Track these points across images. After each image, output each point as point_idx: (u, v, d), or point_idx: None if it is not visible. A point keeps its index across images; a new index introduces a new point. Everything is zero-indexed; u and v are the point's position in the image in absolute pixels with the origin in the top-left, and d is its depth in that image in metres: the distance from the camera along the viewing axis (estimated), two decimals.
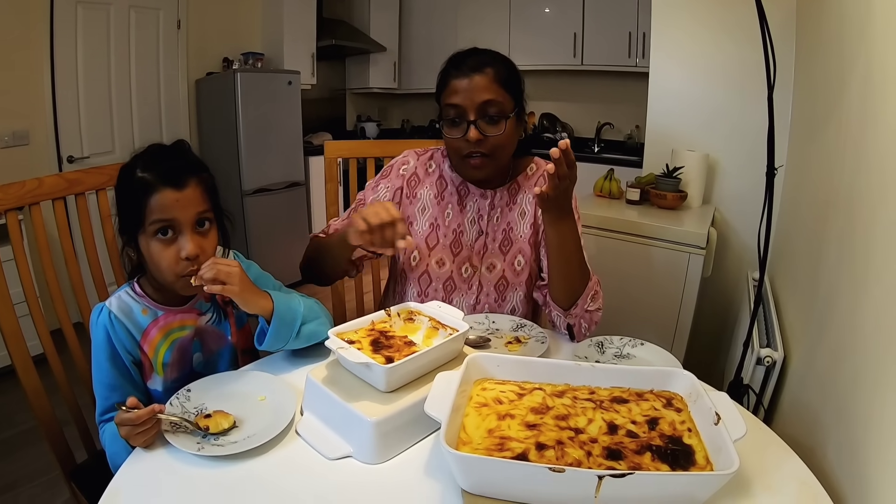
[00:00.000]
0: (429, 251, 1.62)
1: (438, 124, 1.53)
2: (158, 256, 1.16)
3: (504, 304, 1.64)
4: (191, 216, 1.17)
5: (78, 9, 3.65)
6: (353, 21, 5.84)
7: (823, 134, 1.71)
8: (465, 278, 1.63)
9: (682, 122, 3.04)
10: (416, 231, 1.63)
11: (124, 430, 0.98)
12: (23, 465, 2.46)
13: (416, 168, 1.66)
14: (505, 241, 1.63)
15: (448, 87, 1.48)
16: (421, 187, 1.65)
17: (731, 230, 2.96)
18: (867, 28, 1.29)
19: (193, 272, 1.16)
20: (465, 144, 1.47)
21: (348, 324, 1.17)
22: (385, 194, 1.64)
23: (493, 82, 1.44)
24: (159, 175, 1.14)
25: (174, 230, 1.16)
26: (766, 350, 1.60)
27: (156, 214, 1.13)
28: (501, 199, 1.63)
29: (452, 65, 1.49)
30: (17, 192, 1.39)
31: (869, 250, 1.08)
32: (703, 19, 2.89)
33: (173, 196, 1.14)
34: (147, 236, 1.16)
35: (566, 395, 1.01)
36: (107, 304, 1.21)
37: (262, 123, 4.43)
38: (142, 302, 1.25)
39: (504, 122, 1.46)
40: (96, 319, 1.20)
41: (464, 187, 1.64)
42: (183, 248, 1.16)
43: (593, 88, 5.30)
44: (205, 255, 1.20)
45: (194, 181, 1.18)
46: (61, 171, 3.59)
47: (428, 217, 1.63)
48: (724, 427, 0.86)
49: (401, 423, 0.99)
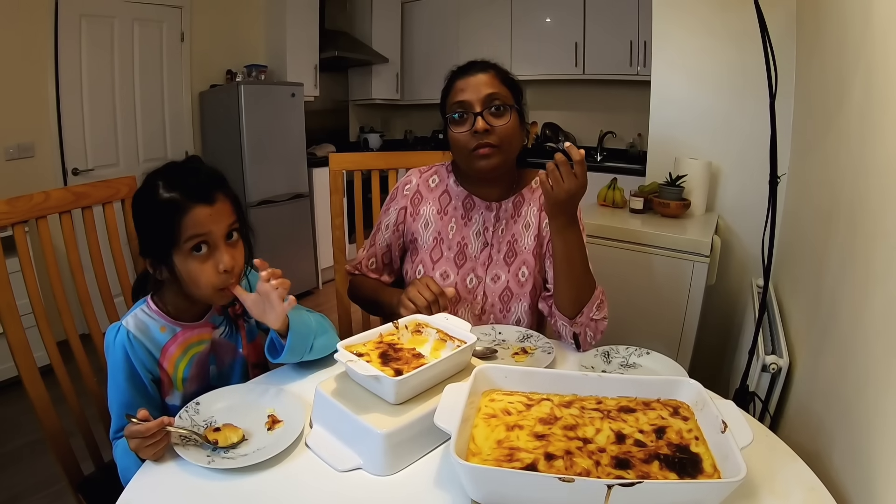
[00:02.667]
0: (433, 264, 1.65)
1: (443, 132, 1.59)
2: (197, 273, 1.17)
3: (509, 315, 1.65)
4: (223, 229, 1.18)
5: (82, 22, 3.69)
6: (356, 33, 5.87)
7: (825, 141, 1.71)
8: (470, 289, 1.64)
9: (685, 130, 3.04)
10: (421, 245, 1.66)
11: (134, 442, 0.99)
12: (28, 476, 2.47)
13: (419, 186, 1.70)
14: (509, 253, 1.65)
15: (453, 89, 1.55)
16: (423, 204, 1.69)
17: (734, 237, 2.96)
18: (867, 34, 1.29)
19: (231, 284, 1.19)
20: (473, 137, 1.51)
21: (357, 336, 1.17)
22: (392, 217, 1.72)
23: (495, 79, 1.53)
24: (188, 193, 1.15)
25: (209, 245, 1.17)
26: (771, 357, 1.60)
27: (191, 231, 1.14)
28: (506, 211, 1.66)
29: (457, 71, 1.58)
30: (24, 205, 1.40)
31: (871, 257, 1.08)
32: (703, 27, 2.90)
33: (206, 212, 1.15)
34: (183, 254, 1.16)
35: (574, 405, 1.02)
36: (123, 324, 1.21)
37: (266, 135, 4.45)
38: (159, 320, 1.25)
39: (509, 114, 1.52)
40: (113, 339, 1.19)
41: (469, 200, 1.67)
42: (220, 262, 1.17)
43: (595, 97, 5.31)
44: (238, 265, 1.22)
45: (222, 195, 1.20)
46: (66, 184, 3.65)
47: (431, 231, 1.66)
48: (730, 435, 0.86)
49: (410, 435, 0.99)
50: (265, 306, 1.21)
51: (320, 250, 5.13)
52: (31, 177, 3.49)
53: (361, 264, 1.79)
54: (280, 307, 1.21)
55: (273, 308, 1.21)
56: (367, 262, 1.78)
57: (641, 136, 4.82)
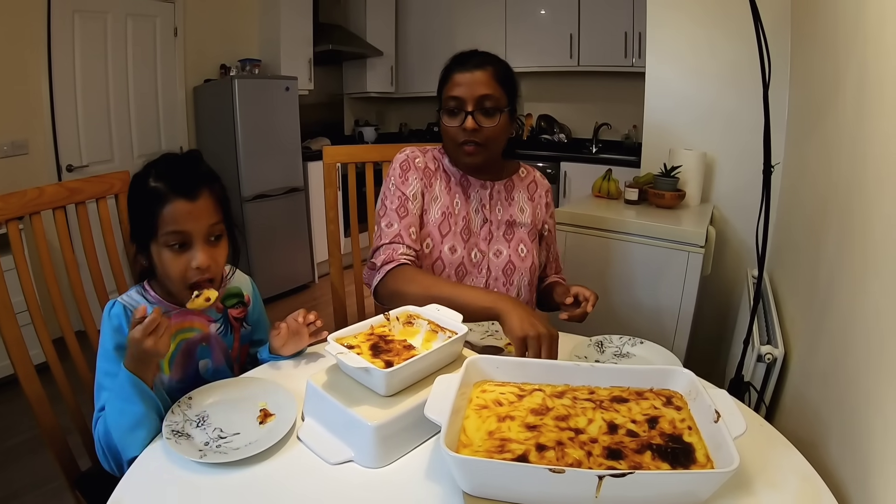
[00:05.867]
0: (441, 238, 1.66)
1: (439, 113, 1.64)
2: (169, 265, 1.17)
3: (511, 288, 1.71)
4: (203, 227, 1.18)
5: (75, 17, 3.66)
6: (350, 26, 5.84)
7: (820, 130, 1.71)
8: (476, 263, 1.69)
9: (679, 121, 3.05)
10: (430, 219, 1.67)
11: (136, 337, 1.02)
12: (26, 473, 2.46)
13: (427, 162, 1.72)
14: (508, 231, 1.73)
15: (451, 81, 1.59)
16: (433, 178, 1.71)
17: (729, 228, 2.96)
18: (862, 22, 1.29)
19: (203, 281, 1.20)
20: (462, 133, 1.58)
21: (348, 328, 1.17)
22: (417, 185, 1.66)
23: (492, 79, 1.57)
24: (172, 185, 1.15)
25: (186, 241, 1.17)
26: (766, 347, 1.61)
27: (169, 226, 1.14)
28: (500, 192, 1.76)
29: (456, 62, 1.61)
30: (18, 201, 1.39)
31: (867, 245, 1.08)
32: (698, 18, 2.90)
33: (186, 207, 1.15)
34: (159, 245, 1.17)
35: (566, 395, 1.02)
36: (119, 300, 1.22)
37: (261, 129, 4.44)
38: (154, 301, 1.25)
39: (498, 116, 1.58)
40: (109, 311, 1.20)
41: (465, 179, 1.72)
42: (194, 259, 1.18)
43: (590, 89, 5.31)
44: (216, 265, 1.22)
45: (206, 192, 1.19)
46: (61, 180, 3.63)
47: (440, 206, 1.68)
48: (723, 424, 0.86)
49: (401, 427, 0.99)
50: (290, 340, 1.33)
51: (316, 244, 5.12)
52: (26, 174, 3.47)
53: (402, 237, 1.59)
54: (305, 343, 1.36)
55: (299, 344, 1.34)
56: (408, 231, 1.60)
57: (636, 127, 4.81)
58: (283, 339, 1.33)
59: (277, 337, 1.33)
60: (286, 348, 1.34)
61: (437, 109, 1.64)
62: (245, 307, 1.41)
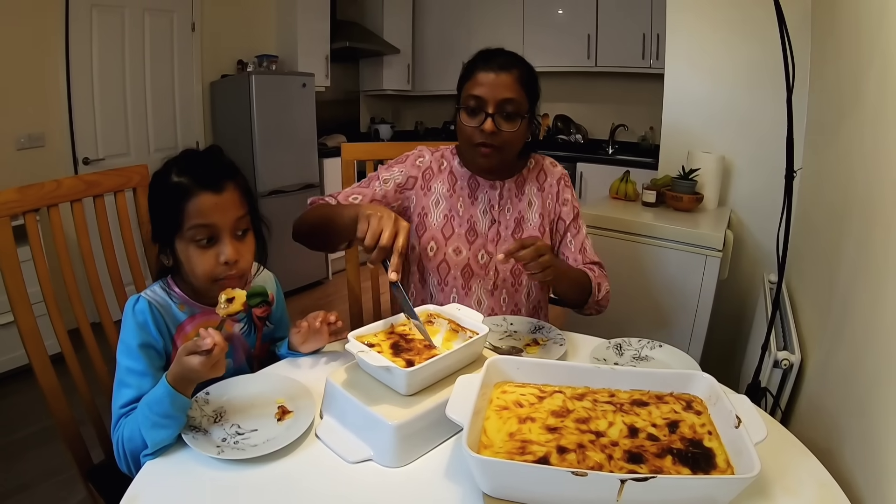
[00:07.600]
0: (445, 241, 1.66)
1: (455, 113, 1.60)
2: (196, 261, 1.17)
3: (520, 289, 1.70)
4: (230, 220, 1.18)
5: (93, 12, 3.68)
6: (367, 23, 5.85)
7: (839, 135, 1.70)
8: (482, 265, 1.67)
9: (698, 124, 3.03)
10: (431, 222, 1.67)
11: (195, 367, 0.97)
12: (38, 463, 2.48)
13: (431, 163, 1.71)
14: (517, 230, 1.70)
15: (473, 79, 1.54)
16: (435, 181, 1.69)
17: (746, 232, 2.95)
18: (882, 28, 1.28)
19: (231, 277, 1.19)
20: (479, 134, 1.53)
21: (368, 327, 1.17)
22: (398, 177, 1.67)
23: (516, 82, 1.52)
24: (197, 179, 1.15)
25: (213, 235, 1.17)
26: (783, 353, 1.59)
27: (195, 219, 1.14)
28: (510, 190, 1.71)
29: (481, 59, 1.56)
30: (35, 193, 1.39)
31: (887, 252, 1.07)
32: (717, 20, 2.88)
33: (212, 200, 1.15)
34: (185, 241, 1.16)
35: (586, 397, 1.01)
36: (143, 295, 1.21)
37: (277, 125, 4.45)
38: (178, 298, 1.25)
39: (519, 122, 1.54)
40: (133, 307, 1.19)
41: (473, 180, 1.70)
42: (222, 253, 1.17)
43: (607, 90, 5.29)
44: (244, 260, 1.22)
45: (232, 185, 1.19)
46: (77, 173, 3.65)
47: (442, 209, 1.67)
48: (744, 430, 0.85)
49: (421, 427, 0.99)
50: (310, 338, 1.34)
51: None
52: (42, 166, 3.49)
53: (338, 196, 1.64)
54: (325, 341, 1.36)
55: (319, 341, 1.35)
56: (350, 196, 1.63)
57: (654, 129, 4.80)
58: (303, 337, 1.33)
59: (298, 334, 1.33)
60: (306, 346, 1.34)
61: (456, 105, 1.60)
62: (269, 306, 1.40)
